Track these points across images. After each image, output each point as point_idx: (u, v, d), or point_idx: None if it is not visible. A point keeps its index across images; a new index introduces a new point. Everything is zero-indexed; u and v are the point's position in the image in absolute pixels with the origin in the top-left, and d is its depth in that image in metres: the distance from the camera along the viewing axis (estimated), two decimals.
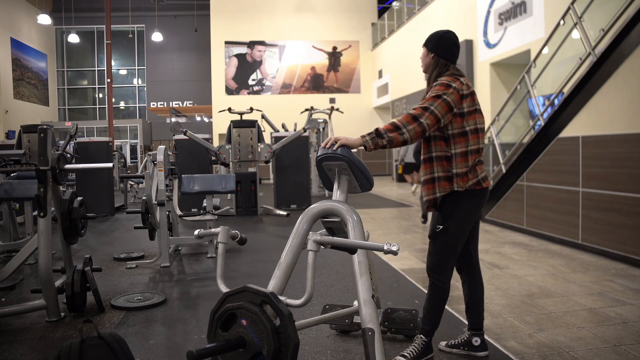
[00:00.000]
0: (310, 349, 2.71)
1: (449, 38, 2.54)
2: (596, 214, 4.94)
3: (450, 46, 2.52)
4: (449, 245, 2.46)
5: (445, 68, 2.50)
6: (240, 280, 4.20)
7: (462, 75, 2.49)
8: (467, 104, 2.41)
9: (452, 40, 2.54)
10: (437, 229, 2.46)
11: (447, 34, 2.55)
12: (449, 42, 2.53)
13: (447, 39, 2.53)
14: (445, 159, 2.43)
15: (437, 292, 2.49)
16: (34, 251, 3.32)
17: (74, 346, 1.85)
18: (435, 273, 2.49)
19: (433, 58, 2.53)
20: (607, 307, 3.36)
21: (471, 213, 2.45)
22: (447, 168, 2.42)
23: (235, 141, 8.53)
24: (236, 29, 20.43)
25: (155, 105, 25.11)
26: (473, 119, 2.43)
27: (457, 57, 2.56)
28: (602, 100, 4.94)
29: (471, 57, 11.51)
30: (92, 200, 7.53)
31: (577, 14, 5.54)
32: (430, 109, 2.31)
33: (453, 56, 2.53)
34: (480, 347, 2.58)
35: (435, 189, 2.44)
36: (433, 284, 2.50)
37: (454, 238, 2.45)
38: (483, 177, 2.45)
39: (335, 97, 20.66)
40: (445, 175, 2.43)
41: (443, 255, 2.47)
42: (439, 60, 2.51)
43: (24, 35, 21.33)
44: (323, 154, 2.24)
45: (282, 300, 1.78)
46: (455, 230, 2.44)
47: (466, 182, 2.39)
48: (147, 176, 5.21)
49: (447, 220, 2.43)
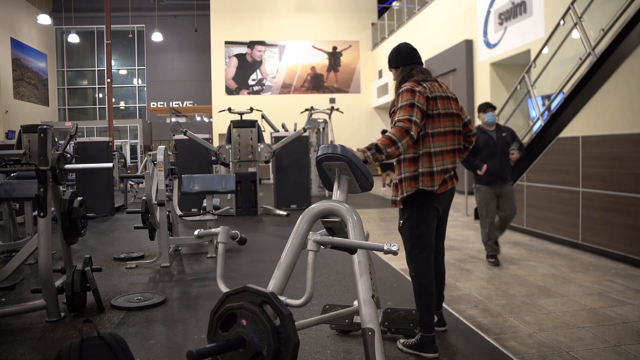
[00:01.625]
0: (310, 349, 2.71)
1: (402, 47, 2.75)
2: (596, 214, 4.94)
3: (406, 52, 2.72)
4: (412, 237, 2.64)
5: (409, 73, 2.67)
6: (240, 280, 4.20)
7: (426, 80, 2.62)
8: (430, 106, 2.54)
9: (405, 48, 2.74)
10: (399, 223, 2.71)
11: (399, 45, 2.77)
12: (404, 50, 2.73)
13: (400, 49, 2.74)
14: (412, 160, 2.60)
15: (414, 283, 2.68)
16: (34, 251, 3.33)
17: (74, 346, 1.85)
18: (408, 264, 2.70)
19: (398, 70, 2.74)
20: (607, 307, 3.36)
21: (429, 208, 2.62)
22: (414, 168, 2.59)
23: (235, 141, 8.53)
24: (236, 29, 20.43)
25: (155, 105, 25.11)
26: (438, 121, 2.57)
27: (419, 58, 2.73)
28: (602, 100, 4.94)
29: (471, 57, 11.52)
30: (92, 200, 7.54)
31: (577, 14, 5.54)
32: (413, 119, 2.45)
33: (412, 58, 2.71)
34: (438, 322, 2.87)
35: (403, 188, 2.61)
36: (410, 275, 2.72)
37: (415, 230, 2.62)
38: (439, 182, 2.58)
39: (335, 97, 20.67)
40: (411, 175, 2.59)
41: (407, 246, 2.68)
42: (402, 69, 2.71)
43: (24, 35, 21.33)
44: (323, 154, 2.24)
45: (282, 300, 1.78)
46: (415, 223, 2.62)
47: (430, 182, 2.55)
48: (147, 176, 5.21)
49: (408, 214, 2.63)
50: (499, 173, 4.56)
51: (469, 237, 6.03)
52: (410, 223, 2.63)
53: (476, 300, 3.59)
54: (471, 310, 3.37)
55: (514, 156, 4.59)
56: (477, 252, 5.19)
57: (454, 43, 12.09)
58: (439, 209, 2.68)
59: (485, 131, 4.67)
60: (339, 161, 2.22)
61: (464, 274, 4.34)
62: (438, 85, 2.65)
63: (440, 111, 2.57)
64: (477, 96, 11.30)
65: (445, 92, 2.66)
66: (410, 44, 2.77)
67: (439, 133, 2.58)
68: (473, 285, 3.99)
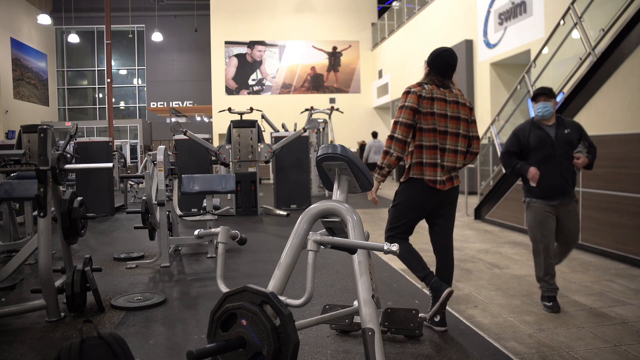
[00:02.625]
0: (310, 349, 2.71)
1: (437, 55, 2.97)
2: (596, 214, 4.94)
3: (433, 59, 2.97)
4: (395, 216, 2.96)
5: (427, 76, 2.97)
6: (240, 280, 4.20)
7: (434, 82, 2.89)
8: (424, 105, 2.81)
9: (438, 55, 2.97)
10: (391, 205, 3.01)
11: (437, 51, 3.00)
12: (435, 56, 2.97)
13: (435, 56, 2.96)
14: (410, 153, 2.90)
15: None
16: (34, 251, 3.32)
17: (74, 346, 1.85)
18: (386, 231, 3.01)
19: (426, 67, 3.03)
20: (607, 307, 3.36)
21: (415, 196, 2.88)
22: (410, 159, 2.90)
23: (235, 141, 8.53)
24: (236, 29, 20.43)
25: (155, 105, 25.11)
26: (432, 119, 2.82)
27: (442, 68, 2.94)
28: (602, 100, 4.94)
29: (471, 57, 11.52)
30: (92, 200, 7.54)
31: (577, 14, 5.53)
32: (399, 121, 2.80)
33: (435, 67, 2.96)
34: (440, 322, 2.95)
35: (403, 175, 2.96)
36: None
37: (397, 210, 2.95)
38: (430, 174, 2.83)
39: (335, 97, 20.67)
40: (409, 165, 2.91)
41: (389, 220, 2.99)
42: (427, 71, 3.00)
43: (24, 35, 21.33)
44: (323, 154, 2.25)
45: (282, 300, 1.78)
46: (400, 206, 2.94)
47: (419, 171, 2.84)
48: (147, 176, 5.21)
49: (396, 199, 2.97)
50: (558, 184, 3.34)
51: (469, 237, 6.03)
52: (399, 206, 2.94)
53: (476, 300, 3.59)
54: (471, 310, 3.37)
55: (579, 161, 3.30)
56: (477, 252, 5.19)
57: (453, 43, 12.08)
58: (427, 202, 2.89)
59: (539, 126, 3.45)
60: (339, 161, 2.22)
61: (464, 274, 4.34)
62: (449, 91, 2.91)
63: (435, 111, 2.82)
64: (477, 96, 11.30)
65: (456, 97, 2.92)
66: (448, 55, 2.95)
67: (431, 129, 2.82)
68: (473, 285, 3.99)
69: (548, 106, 3.40)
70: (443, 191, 2.85)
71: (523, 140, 3.46)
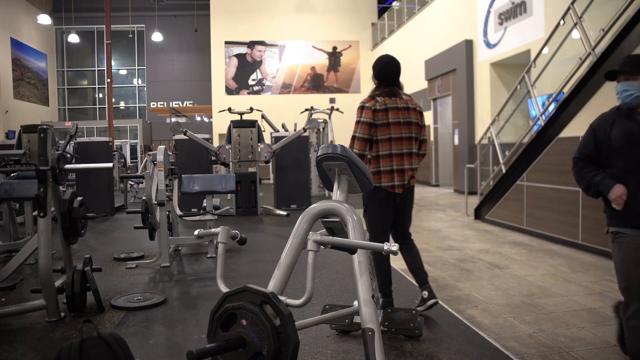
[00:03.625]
0: (310, 349, 2.71)
1: (381, 68, 3.13)
2: (596, 214, 4.94)
3: (378, 72, 3.15)
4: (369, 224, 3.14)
5: (377, 89, 3.15)
6: (240, 280, 4.20)
7: (385, 94, 3.07)
8: (379, 117, 3.02)
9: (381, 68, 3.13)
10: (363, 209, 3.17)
11: (380, 63, 3.14)
12: (380, 70, 3.14)
13: (379, 70, 3.14)
14: (368, 161, 3.11)
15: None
16: (34, 251, 3.32)
17: (74, 346, 1.85)
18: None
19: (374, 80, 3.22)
20: (607, 307, 3.36)
21: (378, 203, 3.08)
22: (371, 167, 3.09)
23: (235, 141, 8.53)
24: (236, 29, 20.43)
25: (155, 105, 25.10)
26: (387, 129, 3.03)
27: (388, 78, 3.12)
28: (602, 100, 4.94)
29: (471, 57, 11.51)
30: (92, 200, 7.53)
31: (577, 14, 5.54)
32: (357, 136, 3.07)
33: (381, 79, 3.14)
34: (429, 297, 3.11)
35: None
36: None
37: (370, 219, 3.14)
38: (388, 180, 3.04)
39: (335, 97, 20.66)
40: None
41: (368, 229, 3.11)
42: (376, 84, 3.18)
43: (24, 35, 21.33)
44: (323, 154, 2.24)
45: (282, 300, 1.78)
46: (370, 214, 3.13)
47: (377, 180, 3.04)
48: (147, 176, 5.21)
49: (364, 204, 3.16)
50: None
51: (469, 237, 6.03)
52: (369, 213, 3.15)
53: (476, 300, 3.59)
54: (471, 310, 3.37)
55: None
56: (477, 252, 5.19)
57: (454, 43, 12.09)
58: (389, 206, 3.10)
59: (629, 115, 2.24)
60: (339, 161, 2.22)
61: (464, 274, 4.34)
62: (399, 98, 3.09)
63: (390, 120, 3.03)
64: (477, 96, 11.30)
65: (407, 103, 3.11)
66: (390, 58, 3.14)
67: (387, 139, 3.04)
68: (473, 285, 3.99)
69: (632, 88, 2.20)
70: (401, 194, 3.11)
71: (604, 138, 2.26)
